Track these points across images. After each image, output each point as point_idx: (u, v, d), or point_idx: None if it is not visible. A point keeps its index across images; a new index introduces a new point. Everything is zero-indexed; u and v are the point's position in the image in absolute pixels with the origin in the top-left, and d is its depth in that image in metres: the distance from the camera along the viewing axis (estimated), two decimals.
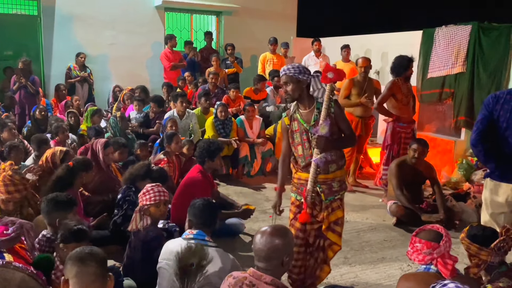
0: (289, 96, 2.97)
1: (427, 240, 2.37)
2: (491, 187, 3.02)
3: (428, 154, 4.88)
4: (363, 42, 8.67)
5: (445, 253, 2.33)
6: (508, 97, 2.85)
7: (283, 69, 2.97)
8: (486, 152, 2.89)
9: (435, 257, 2.33)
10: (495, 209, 3.00)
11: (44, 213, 2.94)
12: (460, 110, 6.35)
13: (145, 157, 5.51)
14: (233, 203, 4.67)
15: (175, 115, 6.46)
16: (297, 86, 2.93)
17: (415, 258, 2.41)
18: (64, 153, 4.20)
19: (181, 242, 2.62)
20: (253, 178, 6.48)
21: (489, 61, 6.00)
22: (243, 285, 2.02)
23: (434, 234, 2.40)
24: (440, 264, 2.32)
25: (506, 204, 2.94)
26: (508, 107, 2.83)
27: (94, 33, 9.03)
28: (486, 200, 3.08)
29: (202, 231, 2.69)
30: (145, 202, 3.11)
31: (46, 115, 6.66)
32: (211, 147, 4.33)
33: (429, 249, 2.33)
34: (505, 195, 2.93)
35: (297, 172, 3.10)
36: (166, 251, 2.69)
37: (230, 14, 10.28)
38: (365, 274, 3.72)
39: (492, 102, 2.90)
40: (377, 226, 4.80)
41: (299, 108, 3.03)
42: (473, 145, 2.94)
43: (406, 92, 5.30)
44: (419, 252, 2.38)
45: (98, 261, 1.81)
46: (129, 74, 9.16)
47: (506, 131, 2.85)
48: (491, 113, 2.89)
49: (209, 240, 2.64)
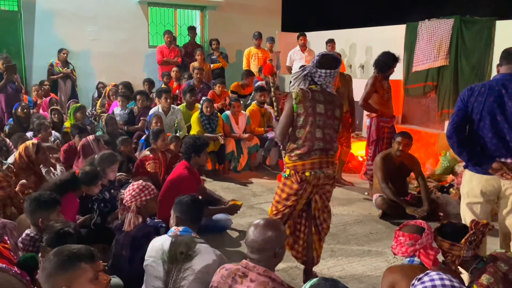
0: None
1: (409, 233, 2.45)
2: (467, 178, 3.09)
3: (412, 147, 4.93)
4: (347, 36, 8.70)
5: (427, 245, 2.40)
6: (482, 90, 2.90)
7: None
8: (459, 144, 2.94)
9: (418, 248, 2.40)
10: (471, 199, 3.06)
11: (27, 212, 2.88)
12: (444, 103, 6.44)
13: (130, 153, 5.48)
14: (220, 199, 4.66)
15: (160, 111, 6.41)
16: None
17: (398, 251, 2.48)
18: (36, 146, 4.11)
19: (167, 239, 2.61)
20: (240, 173, 6.48)
21: (471, 54, 6.08)
22: (236, 276, 2.06)
23: (416, 228, 2.48)
24: (423, 255, 2.38)
25: (481, 195, 3.01)
26: (481, 99, 2.88)
27: (76, 28, 8.90)
28: (463, 190, 3.15)
29: (189, 228, 2.69)
30: (145, 198, 3.13)
31: (28, 112, 6.54)
32: (197, 142, 4.31)
33: (411, 240, 2.40)
34: (480, 185, 2.99)
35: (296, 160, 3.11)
36: (152, 248, 2.68)
37: (215, 9, 10.22)
38: (352, 267, 3.75)
39: (467, 95, 2.95)
40: (363, 219, 4.85)
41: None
42: (448, 137, 2.99)
43: (387, 88, 5.34)
44: (402, 245, 2.45)
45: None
46: (112, 70, 9.06)
47: (480, 123, 2.91)
48: (466, 105, 2.95)
49: (196, 236, 2.64)
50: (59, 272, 1.76)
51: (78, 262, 1.80)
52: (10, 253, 2.39)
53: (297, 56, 8.58)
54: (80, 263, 1.80)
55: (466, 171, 3.11)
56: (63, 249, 1.84)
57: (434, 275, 1.73)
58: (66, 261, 1.78)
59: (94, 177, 3.80)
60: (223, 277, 2.09)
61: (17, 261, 2.33)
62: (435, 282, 1.69)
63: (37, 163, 4.03)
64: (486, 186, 2.98)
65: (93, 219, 3.84)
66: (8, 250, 2.38)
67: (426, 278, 1.74)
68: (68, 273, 1.77)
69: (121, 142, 5.36)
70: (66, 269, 1.77)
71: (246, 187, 5.94)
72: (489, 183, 2.97)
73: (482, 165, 2.93)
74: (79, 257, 1.81)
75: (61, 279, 1.75)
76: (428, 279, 1.73)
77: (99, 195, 3.88)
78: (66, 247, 1.86)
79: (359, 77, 8.15)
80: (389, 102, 5.38)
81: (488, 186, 2.98)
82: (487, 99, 2.87)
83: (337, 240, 4.27)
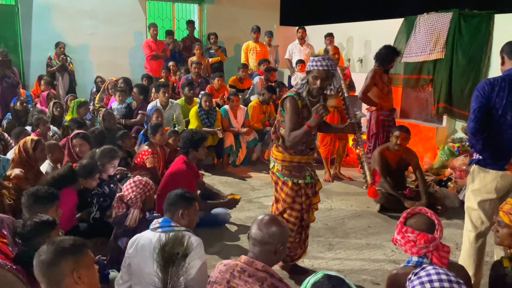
0: (320, 90, 3.11)
1: (420, 230, 2.18)
2: (479, 174, 2.99)
3: (411, 141, 4.94)
4: (346, 30, 8.67)
5: (439, 245, 2.18)
6: (503, 84, 2.81)
7: (327, 65, 3.03)
8: (484, 142, 2.84)
9: (431, 250, 2.17)
10: (484, 196, 2.98)
11: (25, 207, 2.88)
12: (440, 97, 6.42)
13: (131, 146, 5.48)
14: (219, 193, 4.66)
15: (158, 106, 6.39)
16: (330, 81, 3.13)
17: (407, 250, 2.21)
18: (35, 142, 4.09)
19: (152, 235, 2.57)
20: (238, 167, 6.49)
21: (468, 48, 6.06)
22: (234, 271, 2.05)
23: (425, 221, 2.21)
24: (436, 258, 2.17)
25: (495, 191, 2.93)
26: (503, 94, 2.80)
27: (73, 22, 8.84)
28: (474, 187, 3.04)
29: (167, 218, 2.66)
30: (148, 194, 3.26)
31: (27, 106, 6.53)
32: (194, 137, 4.30)
33: (426, 243, 2.14)
34: (495, 182, 2.92)
35: (290, 155, 3.24)
36: (136, 246, 2.62)
37: (213, 3, 10.17)
38: (350, 261, 3.77)
39: (488, 89, 2.83)
40: (362, 213, 4.86)
41: (308, 96, 3.16)
42: (472, 134, 2.86)
43: (387, 81, 5.34)
44: (413, 244, 2.18)
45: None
46: (110, 64, 9.02)
47: (500, 118, 2.83)
48: (488, 100, 2.83)
49: (176, 225, 2.61)
50: (65, 257, 1.75)
51: (83, 246, 1.83)
52: (8, 247, 2.39)
53: (295, 50, 8.55)
54: (84, 247, 1.84)
55: (475, 167, 3.01)
56: (58, 240, 1.85)
57: (431, 269, 1.73)
58: (71, 246, 1.79)
59: (91, 170, 3.80)
60: (221, 272, 2.09)
61: (14, 256, 2.33)
62: (431, 277, 1.69)
63: (34, 160, 4.01)
64: (501, 182, 2.91)
65: (92, 213, 3.84)
66: (5, 245, 2.38)
67: (423, 273, 1.75)
68: (76, 257, 1.78)
69: (120, 136, 5.35)
70: (74, 253, 1.77)
71: (245, 181, 5.94)
72: (504, 178, 2.90)
73: (500, 161, 2.85)
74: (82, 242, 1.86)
75: (67, 264, 1.75)
76: (424, 274, 1.73)
77: (99, 189, 3.87)
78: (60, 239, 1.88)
79: (357, 71, 8.14)
80: (388, 95, 5.38)
81: (503, 182, 2.91)
82: (509, 94, 2.78)
83: (336, 234, 4.28)
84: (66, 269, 1.75)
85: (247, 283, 1.99)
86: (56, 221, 2.54)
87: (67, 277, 1.75)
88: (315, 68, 3.05)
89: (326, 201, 5.16)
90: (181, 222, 2.63)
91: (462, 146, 6.01)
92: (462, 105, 6.17)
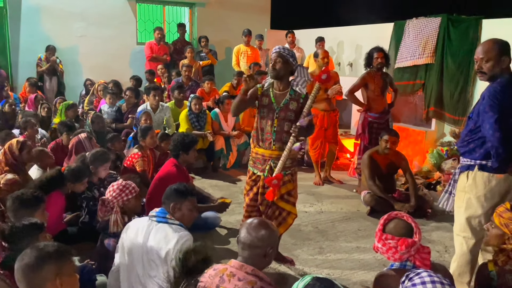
0: (274, 72, 3.34)
1: (399, 235, 2.18)
2: (483, 180, 2.91)
3: (400, 144, 4.97)
4: (336, 34, 8.72)
5: (419, 247, 2.19)
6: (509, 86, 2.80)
7: (278, 47, 3.37)
8: (502, 140, 2.76)
9: (413, 254, 2.18)
10: (490, 202, 2.92)
11: (10, 211, 2.83)
12: (431, 101, 6.48)
13: (121, 149, 5.44)
14: (209, 197, 4.65)
15: (148, 109, 6.36)
16: (284, 67, 3.33)
17: (389, 257, 2.21)
18: (21, 143, 4.03)
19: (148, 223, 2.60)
20: (229, 171, 6.47)
21: (457, 52, 6.13)
22: (224, 275, 2.04)
23: (403, 225, 2.23)
24: (418, 260, 2.18)
25: (498, 195, 2.91)
26: None
27: (62, 25, 8.77)
28: (478, 193, 2.93)
29: (164, 209, 2.69)
30: (126, 197, 3.16)
31: (14, 109, 6.45)
32: (185, 140, 4.28)
33: (407, 248, 2.15)
34: (499, 185, 2.89)
35: (255, 147, 3.51)
36: (129, 230, 2.68)
37: (204, 6, 10.16)
38: (340, 263, 3.77)
39: (500, 90, 2.79)
40: (352, 216, 4.87)
41: (274, 88, 3.43)
42: (495, 130, 2.75)
43: (381, 84, 5.35)
44: (395, 251, 2.18)
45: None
46: (100, 67, 8.95)
47: (509, 119, 2.78)
48: (501, 100, 2.77)
49: (170, 218, 2.64)
50: (48, 262, 1.72)
51: (67, 253, 1.81)
52: None
53: None
54: (68, 253, 1.81)
55: (478, 173, 2.92)
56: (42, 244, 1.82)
57: (424, 274, 1.73)
58: (55, 252, 1.76)
59: (79, 174, 3.75)
60: (211, 277, 2.07)
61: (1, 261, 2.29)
62: (425, 281, 1.70)
63: (21, 161, 3.96)
64: (504, 186, 2.90)
65: (81, 217, 3.80)
66: None
67: (417, 278, 1.75)
68: (59, 263, 1.75)
69: (110, 139, 5.31)
70: (57, 259, 1.75)
71: (235, 184, 5.92)
72: (507, 182, 2.89)
73: (507, 164, 2.82)
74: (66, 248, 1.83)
75: (49, 270, 1.72)
76: (418, 278, 1.74)
77: (88, 193, 3.84)
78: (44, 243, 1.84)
79: (347, 75, 8.18)
80: (380, 97, 5.39)
81: (506, 186, 2.90)
82: None
83: (326, 237, 4.29)
84: (48, 274, 1.72)
85: (237, 287, 1.98)
86: (44, 223, 2.51)
87: (49, 282, 1.71)
88: (271, 55, 3.38)
89: (316, 204, 5.17)
90: (175, 215, 2.67)
91: (451, 149, 6.07)
92: (452, 109, 6.23)
